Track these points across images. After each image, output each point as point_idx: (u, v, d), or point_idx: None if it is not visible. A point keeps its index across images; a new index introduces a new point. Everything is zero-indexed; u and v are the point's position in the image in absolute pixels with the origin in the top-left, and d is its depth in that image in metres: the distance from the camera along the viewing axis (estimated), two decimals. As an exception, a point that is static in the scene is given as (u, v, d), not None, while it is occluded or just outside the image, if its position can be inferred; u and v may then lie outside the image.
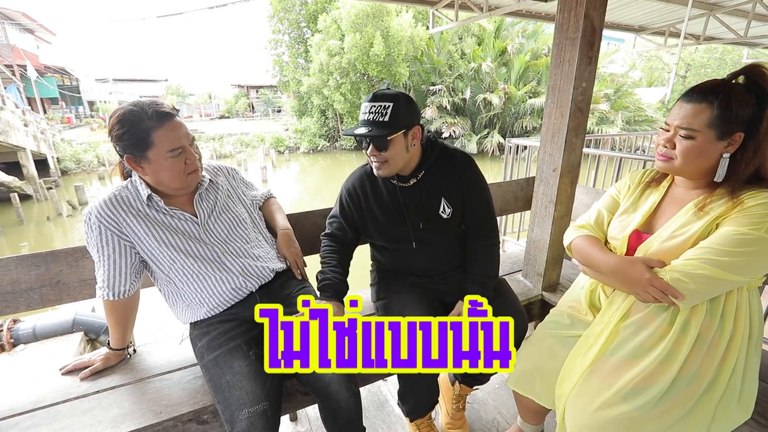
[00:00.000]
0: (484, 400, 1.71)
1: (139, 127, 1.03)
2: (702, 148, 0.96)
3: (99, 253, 1.09)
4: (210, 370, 1.07)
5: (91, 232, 1.08)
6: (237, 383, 1.01)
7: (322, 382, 1.10)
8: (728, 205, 0.95)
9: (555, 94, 1.43)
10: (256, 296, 1.24)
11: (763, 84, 0.92)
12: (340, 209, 1.41)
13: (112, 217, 1.08)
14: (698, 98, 0.95)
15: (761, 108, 0.92)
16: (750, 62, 0.99)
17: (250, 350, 1.10)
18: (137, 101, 1.07)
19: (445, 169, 1.31)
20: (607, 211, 1.24)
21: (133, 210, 1.10)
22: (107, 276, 1.10)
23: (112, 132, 1.05)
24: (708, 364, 0.98)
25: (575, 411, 1.02)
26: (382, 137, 1.15)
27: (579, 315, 1.21)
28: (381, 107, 1.15)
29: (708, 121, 0.93)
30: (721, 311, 0.99)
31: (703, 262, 0.92)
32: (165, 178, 1.09)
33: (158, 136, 1.04)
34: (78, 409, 1.08)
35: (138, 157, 1.06)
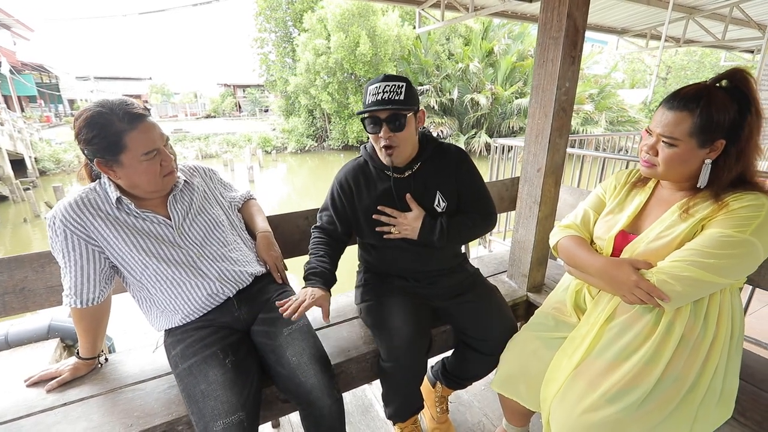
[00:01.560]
0: (469, 402, 1.70)
1: (110, 130, 0.98)
2: (684, 155, 0.96)
3: (65, 259, 1.03)
4: (184, 379, 1.02)
5: (56, 236, 1.02)
6: (212, 393, 0.97)
7: (303, 389, 1.06)
8: (713, 207, 0.95)
9: (539, 93, 1.42)
10: (233, 302, 1.19)
11: (744, 89, 0.92)
12: (331, 201, 1.37)
13: (78, 221, 1.02)
14: (679, 106, 0.94)
15: (742, 114, 0.91)
16: (733, 65, 0.99)
17: (226, 358, 1.05)
18: (104, 101, 1.01)
19: (440, 162, 1.30)
20: (593, 210, 1.23)
21: (101, 213, 1.05)
22: (74, 283, 1.04)
23: (80, 135, 0.99)
24: (691, 364, 0.98)
25: (560, 414, 1.01)
26: (400, 114, 1.15)
27: (564, 316, 1.20)
28: (395, 86, 1.14)
29: (689, 130, 0.93)
30: (704, 313, 0.99)
31: (690, 264, 0.92)
32: (140, 182, 1.05)
33: (131, 139, 0.99)
34: (43, 423, 1.02)
35: (110, 161, 1.01)
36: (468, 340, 1.35)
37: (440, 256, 1.36)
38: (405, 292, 1.35)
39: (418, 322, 1.25)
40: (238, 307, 1.20)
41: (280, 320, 1.16)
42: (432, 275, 1.37)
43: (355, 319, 1.47)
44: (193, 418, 0.97)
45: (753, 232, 0.88)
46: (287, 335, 1.14)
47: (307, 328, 1.19)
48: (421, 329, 1.26)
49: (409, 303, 1.30)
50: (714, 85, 0.95)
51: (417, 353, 1.24)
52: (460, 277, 1.40)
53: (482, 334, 1.30)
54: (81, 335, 1.14)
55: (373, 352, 1.31)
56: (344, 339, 1.36)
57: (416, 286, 1.37)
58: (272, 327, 1.17)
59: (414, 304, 1.31)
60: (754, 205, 0.90)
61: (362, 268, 1.49)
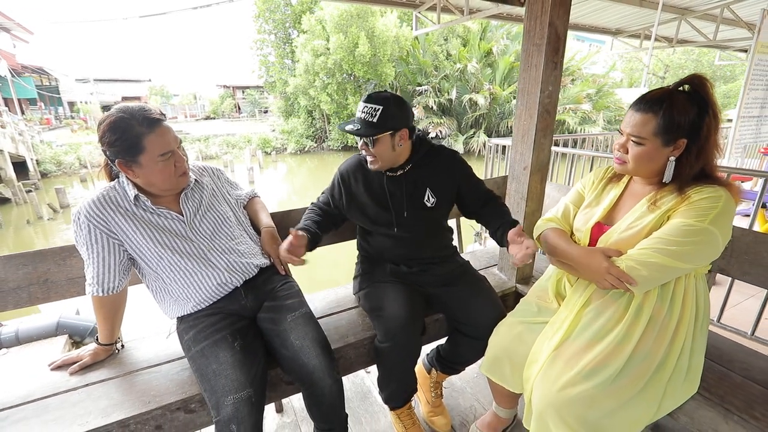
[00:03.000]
0: (462, 388, 1.79)
1: (131, 133, 1.08)
2: (651, 153, 1.06)
3: (88, 251, 1.13)
4: (197, 360, 1.12)
5: (80, 231, 1.12)
6: (222, 372, 1.06)
7: (306, 370, 1.16)
8: (677, 199, 1.05)
9: (524, 96, 1.52)
10: (241, 291, 1.30)
11: (703, 93, 1.02)
12: (331, 188, 1.52)
13: (101, 216, 1.12)
14: (645, 108, 1.04)
15: (701, 116, 1.01)
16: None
17: (235, 341, 1.15)
18: (125, 107, 1.11)
19: (432, 163, 1.42)
20: (573, 205, 1.33)
21: (121, 209, 1.15)
22: (96, 273, 1.14)
23: (104, 139, 1.09)
24: (659, 344, 1.07)
25: (541, 391, 1.10)
26: (368, 136, 1.27)
27: (546, 303, 1.30)
28: (372, 109, 1.26)
29: (654, 130, 1.03)
30: (670, 296, 1.09)
31: (655, 251, 1.01)
32: (156, 181, 1.15)
33: (149, 142, 1.09)
34: (68, 401, 1.11)
35: (129, 162, 1.11)
36: (459, 326, 1.45)
37: (428, 245, 1.48)
38: (399, 279, 1.46)
39: (413, 305, 1.37)
40: (245, 296, 1.30)
41: (284, 308, 1.27)
42: (424, 263, 1.47)
43: (352, 309, 1.57)
44: (206, 395, 1.07)
45: (711, 221, 0.98)
46: (290, 321, 1.24)
47: (309, 315, 1.29)
48: (415, 312, 1.36)
49: (404, 288, 1.41)
50: (676, 89, 1.05)
51: (412, 333, 1.34)
52: (451, 266, 1.51)
53: (472, 320, 1.40)
54: (101, 322, 1.24)
55: (370, 338, 1.41)
56: (343, 327, 1.45)
57: (409, 273, 1.47)
58: (277, 314, 1.26)
59: (408, 290, 1.42)
60: (712, 197, 1.00)
61: (360, 258, 1.61)
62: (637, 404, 1.04)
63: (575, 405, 1.03)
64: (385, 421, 1.63)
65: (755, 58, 4.52)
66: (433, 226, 1.48)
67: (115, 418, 1.06)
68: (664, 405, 1.08)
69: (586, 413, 1.02)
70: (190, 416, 1.15)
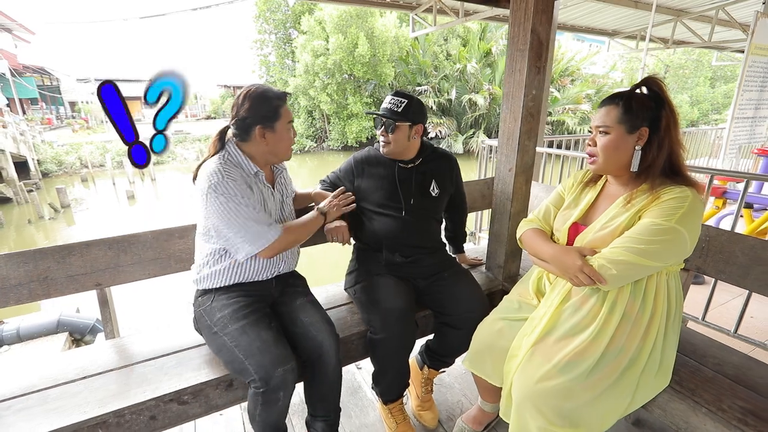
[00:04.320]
0: (450, 384, 1.85)
1: (272, 103, 1.26)
2: (617, 141, 1.12)
3: (244, 202, 1.20)
4: (238, 338, 1.18)
5: (228, 191, 1.18)
6: (267, 348, 1.15)
7: (315, 343, 1.26)
8: (649, 199, 1.10)
9: (509, 100, 1.57)
10: (273, 281, 1.40)
11: (658, 91, 1.11)
12: (344, 170, 1.65)
13: (235, 174, 1.22)
14: (607, 102, 1.14)
15: (659, 109, 1.10)
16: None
17: (271, 322, 1.25)
18: (258, 84, 1.29)
19: (436, 161, 1.63)
20: (554, 206, 1.38)
21: (245, 175, 1.26)
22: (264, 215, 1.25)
23: (245, 106, 1.23)
24: (632, 339, 1.12)
25: (520, 384, 1.15)
26: (392, 121, 1.47)
27: (527, 300, 1.35)
28: (399, 101, 1.48)
29: (617, 118, 1.11)
30: (643, 293, 1.14)
31: (624, 250, 1.06)
32: (280, 147, 1.31)
33: (284, 110, 1.28)
34: (67, 392, 1.17)
35: (267, 128, 1.26)
36: (445, 319, 1.51)
37: (426, 232, 1.60)
38: (392, 272, 1.54)
39: (407, 298, 1.45)
40: (275, 285, 1.41)
41: (296, 293, 1.42)
42: (415, 251, 1.56)
43: (343, 306, 1.62)
44: (253, 368, 1.13)
45: (678, 221, 1.03)
46: (299, 304, 1.37)
47: (317, 302, 1.42)
48: (409, 303, 1.44)
49: (399, 282, 1.51)
50: (634, 90, 1.14)
51: (408, 325, 1.41)
52: (440, 256, 1.61)
53: (456, 309, 1.48)
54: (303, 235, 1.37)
55: (358, 333, 1.46)
56: (340, 320, 1.52)
57: (401, 264, 1.55)
58: (289, 297, 1.40)
59: (402, 283, 1.51)
60: (680, 197, 1.05)
61: (355, 252, 1.69)
62: (610, 396, 1.09)
63: (551, 397, 1.08)
64: (374, 415, 1.68)
65: (749, 60, 4.56)
66: (433, 214, 1.63)
67: (112, 408, 1.11)
68: (637, 398, 1.13)
69: (561, 405, 1.07)
70: (183, 407, 1.20)
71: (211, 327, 1.24)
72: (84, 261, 1.40)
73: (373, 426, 1.63)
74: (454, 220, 1.81)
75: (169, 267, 1.53)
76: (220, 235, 1.24)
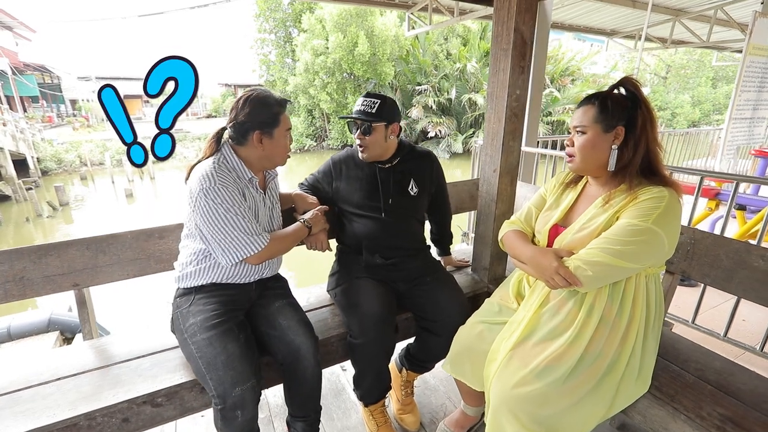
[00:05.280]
0: (435, 386, 1.83)
1: (272, 109, 1.25)
2: (593, 140, 1.11)
3: (233, 211, 1.18)
4: (203, 348, 1.15)
5: (218, 197, 1.16)
6: (230, 364, 1.12)
7: (293, 347, 1.25)
8: (627, 199, 1.09)
9: (493, 100, 1.55)
10: (253, 285, 1.38)
11: (634, 91, 1.10)
12: (322, 172, 1.63)
13: (230, 180, 1.21)
14: (585, 102, 1.14)
15: (635, 108, 1.09)
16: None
17: (240, 333, 1.22)
18: (259, 89, 1.27)
19: (415, 159, 1.60)
20: (536, 208, 1.36)
21: (238, 180, 1.26)
22: (252, 224, 1.21)
23: (245, 110, 1.22)
24: (610, 344, 1.10)
25: (497, 389, 1.13)
26: (368, 123, 1.43)
27: (507, 303, 1.33)
28: (371, 102, 1.46)
29: (593, 117, 1.10)
30: (620, 296, 1.12)
31: (600, 251, 1.04)
32: (276, 153, 1.30)
33: (283, 118, 1.27)
34: (39, 394, 1.15)
35: (265, 134, 1.25)
36: (425, 324, 1.49)
37: (406, 233, 1.57)
38: (373, 275, 1.52)
39: (387, 303, 1.43)
40: (255, 289, 1.39)
41: (274, 296, 1.40)
42: (396, 253, 1.54)
43: (326, 307, 1.61)
44: (212, 383, 1.12)
45: (654, 221, 1.01)
46: (278, 306, 1.35)
47: (295, 304, 1.40)
48: (389, 309, 1.42)
49: (378, 286, 1.48)
50: (612, 90, 1.14)
51: (386, 329, 1.40)
52: (423, 259, 1.59)
53: (437, 316, 1.45)
54: (287, 245, 1.36)
55: (342, 334, 1.45)
56: (319, 323, 1.50)
57: (381, 267, 1.52)
58: (267, 300, 1.38)
59: (382, 287, 1.49)
60: (657, 197, 1.04)
61: (337, 254, 1.67)
62: (588, 403, 1.07)
63: (527, 403, 1.06)
64: (357, 417, 1.66)
65: (747, 60, 4.52)
66: (413, 214, 1.60)
67: (83, 410, 1.09)
68: (616, 403, 1.11)
69: (537, 411, 1.05)
70: (156, 410, 1.19)
71: (183, 332, 1.22)
72: (61, 261, 1.38)
73: (355, 428, 1.61)
74: (437, 221, 1.79)
75: (149, 267, 1.51)
76: (204, 239, 1.22)
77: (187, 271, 1.30)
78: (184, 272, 1.30)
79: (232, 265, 1.27)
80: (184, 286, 1.31)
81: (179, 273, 1.32)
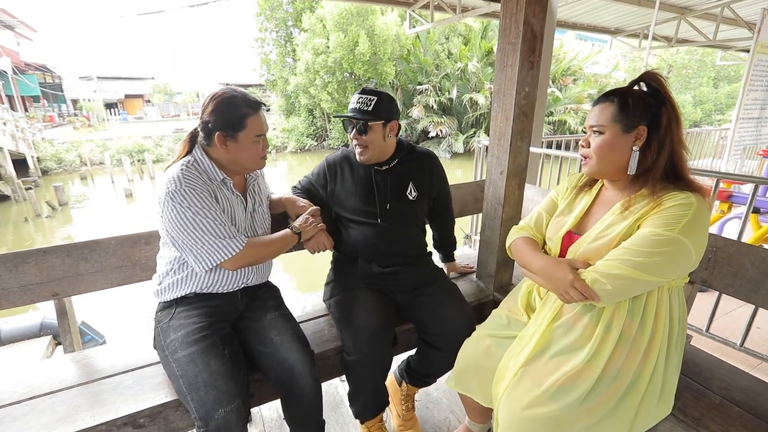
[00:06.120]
0: (438, 399, 1.74)
1: (238, 111, 1.14)
2: (612, 141, 1.01)
3: (202, 213, 1.09)
4: (184, 366, 1.07)
5: (185, 200, 1.08)
6: (213, 383, 1.03)
7: (286, 365, 1.15)
8: (649, 205, 0.99)
9: (500, 98, 1.46)
10: (239, 293, 1.28)
11: (658, 87, 1.00)
12: (316, 174, 1.54)
13: (197, 182, 1.12)
14: (602, 99, 1.04)
15: (659, 106, 0.99)
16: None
17: (225, 349, 1.12)
18: (231, 88, 1.18)
19: (414, 161, 1.50)
20: (546, 213, 1.27)
21: (209, 182, 1.17)
22: (225, 227, 1.12)
23: (209, 109, 1.14)
24: (630, 362, 1.01)
25: (506, 410, 1.04)
26: (364, 122, 1.34)
27: (516, 316, 1.24)
28: (367, 99, 1.36)
29: (612, 116, 1.01)
30: (642, 311, 1.02)
31: (621, 263, 0.95)
32: (243, 159, 1.19)
33: (251, 122, 1.16)
34: (9, 416, 1.07)
35: (228, 136, 1.15)
36: (427, 338, 1.40)
37: (405, 240, 1.47)
38: (370, 285, 1.42)
39: (383, 316, 1.33)
40: (241, 298, 1.29)
41: (265, 307, 1.29)
42: (394, 261, 1.44)
43: (322, 318, 1.52)
44: (194, 405, 1.03)
45: (681, 230, 0.92)
46: (270, 319, 1.25)
47: (288, 316, 1.30)
48: (385, 322, 1.32)
49: (375, 297, 1.38)
50: (632, 86, 1.03)
51: (381, 345, 1.30)
52: (423, 268, 1.48)
53: (441, 331, 1.35)
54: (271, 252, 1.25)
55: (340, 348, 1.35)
56: (317, 334, 1.42)
57: (380, 276, 1.43)
58: (258, 312, 1.28)
59: (379, 298, 1.38)
60: (683, 203, 0.94)
61: (333, 261, 1.57)
62: (606, 426, 0.98)
63: (540, 426, 0.98)
64: None
65: (755, 59, 4.42)
66: (412, 220, 1.49)
67: (55, 434, 1.01)
68: (636, 426, 1.02)
69: (551, 435, 0.97)
70: (138, 431, 1.10)
71: (164, 349, 1.13)
72: (39, 270, 1.30)
73: (354, 445, 1.53)
74: (440, 227, 1.69)
75: (135, 275, 1.42)
76: (175, 245, 1.13)
77: (165, 283, 1.21)
78: (162, 285, 1.22)
79: (206, 272, 1.18)
80: (164, 300, 1.22)
81: (158, 286, 1.23)
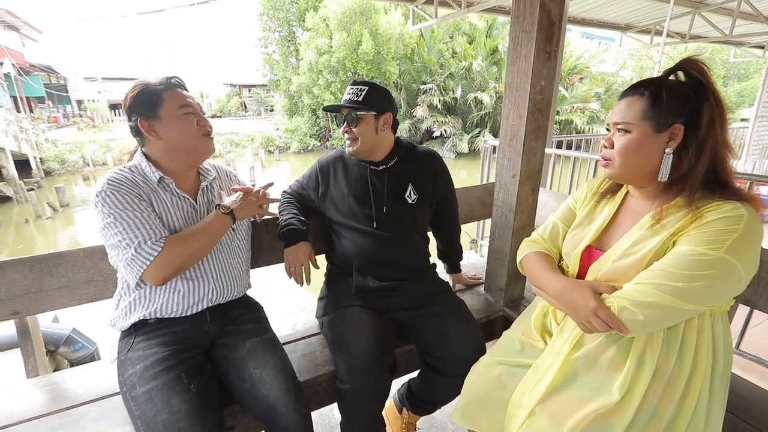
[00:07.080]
0: (442, 424, 1.59)
1: (150, 89, 1.05)
2: (639, 141, 0.85)
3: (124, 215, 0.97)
4: (142, 405, 0.92)
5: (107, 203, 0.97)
6: (175, 425, 0.88)
7: (266, 404, 1.00)
8: (687, 218, 0.83)
9: (512, 93, 1.31)
10: (207, 314, 1.12)
11: (699, 77, 0.83)
12: (308, 177, 1.44)
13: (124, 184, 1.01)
14: (630, 92, 0.88)
15: (699, 100, 0.82)
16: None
17: (191, 383, 0.96)
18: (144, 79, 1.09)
19: (415, 161, 1.37)
20: (563, 223, 1.12)
21: (144, 185, 1.06)
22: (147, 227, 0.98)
23: (126, 102, 1.06)
24: (668, 401, 0.86)
25: (521, 454, 0.90)
26: (353, 111, 1.24)
27: (530, 340, 1.09)
28: (358, 89, 1.27)
29: (641, 112, 0.84)
30: (679, 343, 0.87)
31: (655, 288, 0.80)
32: (177, 139, 1.06)
33: (168, 95, 1.06)
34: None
35: (150, 117, 1.05)
36: (432, 362, 1.25)
37: (404, 248, 1.32)
38: (364, 302, 1.27)
39: (381, 340, 1.17)
40: (210, 320, 1.13)
41: (244, 332, 1.12)
42: (393, 274, 1.29)
43: (314, 336, 1.38)
44: None
45: (728, 250, 0.76)
46: (249, 348, 1.08)
47: (271, 341, 1.13)
48: (383, 347, 1.17)
49: (371, 318, 1.22)
50: (667, 76, 0.87)
51: (378, 374, 1.14)
52: (426, 282, 1.33)
53: (446, 354, 1.20)
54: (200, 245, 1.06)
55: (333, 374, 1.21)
56: (313, 354, 1.28)
57: (376, 292, 1.27)
58: (234, 339, 1.11)
59: (376, 319, 1.23)
60: (731, 217, 0.78)
61: (327, 274, 1.44)
62: (640, 475, 0.83)
63: (563, 474, 0.83)
64: (351, 463, 1.42)
65: (775, 54, 4.23)
66: (412, 226, 1.34)
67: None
68: (674, 475, 0.87)
69: (576, 486, 0.82)
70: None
71: (123, 385, 0.99)
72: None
73: (349, 478, 1.38)
74: (444, 236, 1.53)
75: (106, 290, 1.28)
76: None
77: (120, 308, 1.08)
78: (118, 309, 1.08)
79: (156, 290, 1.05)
80: (122, 328, 1.08)
81: (114, 312, 1.09)
